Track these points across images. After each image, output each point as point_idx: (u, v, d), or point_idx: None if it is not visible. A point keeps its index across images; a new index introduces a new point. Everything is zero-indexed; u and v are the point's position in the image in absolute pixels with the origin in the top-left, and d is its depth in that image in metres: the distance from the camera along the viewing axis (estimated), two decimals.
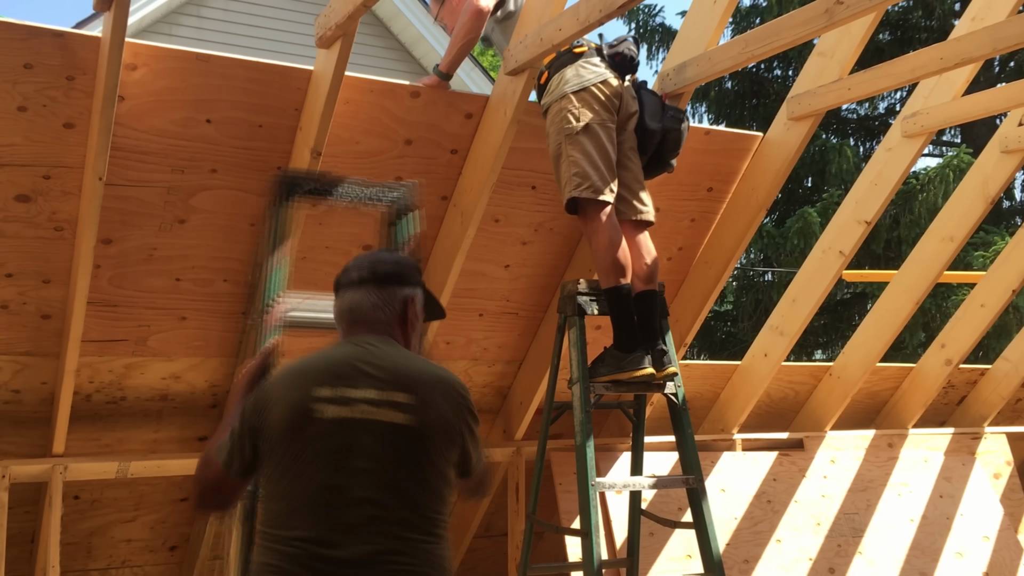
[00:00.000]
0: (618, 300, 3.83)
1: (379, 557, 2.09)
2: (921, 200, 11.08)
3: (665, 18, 21.04)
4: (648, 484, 4.16)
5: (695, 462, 4.02)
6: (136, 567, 4.92)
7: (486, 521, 5.50)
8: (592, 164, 3.72)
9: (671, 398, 4.04)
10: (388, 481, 2.14)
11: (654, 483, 4.19)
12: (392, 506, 2.13)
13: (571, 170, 3.74)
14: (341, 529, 2.09)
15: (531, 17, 3.67)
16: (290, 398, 2.18)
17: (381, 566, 2.09)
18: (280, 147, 3.74)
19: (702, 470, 4.06)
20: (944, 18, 12.56)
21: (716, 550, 3.96)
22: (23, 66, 3.24)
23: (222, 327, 4.19)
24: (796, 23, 3.60)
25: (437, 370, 2.32)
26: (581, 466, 3.81)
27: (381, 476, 2.13)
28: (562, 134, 3.75)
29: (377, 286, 2.39)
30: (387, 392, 2.18)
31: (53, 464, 4.12)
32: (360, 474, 2.12)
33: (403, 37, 10.38)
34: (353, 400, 2.16)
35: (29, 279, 3.75)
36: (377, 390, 2.18)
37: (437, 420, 2.21)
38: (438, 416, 2.21)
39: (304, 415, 2.14)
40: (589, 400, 3.85)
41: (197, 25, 9.52)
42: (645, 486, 4.17)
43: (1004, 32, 3.70)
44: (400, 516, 2.13)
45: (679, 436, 4.08)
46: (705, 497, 3.99)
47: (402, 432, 2.16)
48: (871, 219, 4.82)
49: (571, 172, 3.74)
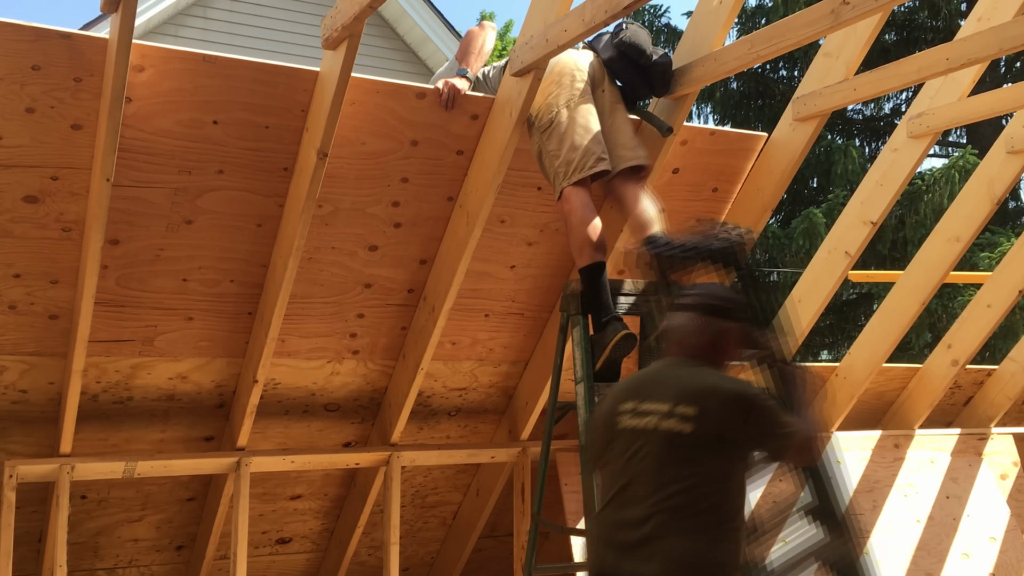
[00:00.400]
0: (591, 278, 3.84)
1: (650, 543, 2.52)
2: (927, 200, 11.06)
3: (671, 18, 21.06)
4: None
5: None
6: (143, 567, 4.94)
7: (492, 521, 5.51)
8: (571, 147, 3.84)
9: None
10: (663, 481, 2.55)
11: None
12: (664, 501, 2.53)
13: (553, 163, 3.88)
14: (627, 523, 2.57)
15: (537, 18, 3.67)
16: (603, 409, 2.79)
17: (650, 548, 2.52)
18: (286, 148, 3.75)
19: None
20: (950, 18, 12.54)
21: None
22: (31, 68, 3.26)
23: (229, 327, 4.20)
24: (802, 24, 3.60)
25: (727, 384, 2.66)
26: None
27: (656, 476, 2.56)
28: (535, 132, 3.94)
29: (702, 314, 2.77)
30: (673, 405, 2.59)
31: (60, 464, 4.14)
32: (642, 474, 2.57)
33: (409, 38, 10.39)
34: (645, 413, 2.63)
35: (37, 279, 3.76)
36: (667, 404, 2.60)
37: (712, 428, 2.56)
38: (714, 425, 2.56)
39: (611, 425, 2.71)
40: (595, 400, 3.85)
41: (203, 27, 9.55)
42: None
43: (1010, 32, 3.69)
44: (670, 507, 2.53)
45: None
46: None
47: (679, 439, 2.56)
48: (877, 220, 4.82)
49: (554, 164, 3.88)
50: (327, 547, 5.35)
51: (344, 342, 4.45)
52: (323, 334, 4.38)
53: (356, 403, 4.78)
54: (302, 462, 4.63)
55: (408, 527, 5.38)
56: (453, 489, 5.39)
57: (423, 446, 4.93)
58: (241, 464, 4.40)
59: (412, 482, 5.22)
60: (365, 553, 5.39)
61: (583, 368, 3.86)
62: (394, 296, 4.39)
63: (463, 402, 5.01)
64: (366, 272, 4.25)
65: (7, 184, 3.48)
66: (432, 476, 5.27)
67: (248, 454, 4.44)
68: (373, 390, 4.75)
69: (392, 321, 4.47)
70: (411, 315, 4.48)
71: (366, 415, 4.86)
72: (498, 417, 5.17)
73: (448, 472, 5.29)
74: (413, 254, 4.28)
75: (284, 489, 4.97)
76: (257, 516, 4.93)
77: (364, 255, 4.19)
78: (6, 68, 3.24)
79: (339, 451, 4.86)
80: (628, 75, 4.06)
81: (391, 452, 4.71)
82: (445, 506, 5.45)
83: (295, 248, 3.79)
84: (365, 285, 4.29)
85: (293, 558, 5.30)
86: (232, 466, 4.42)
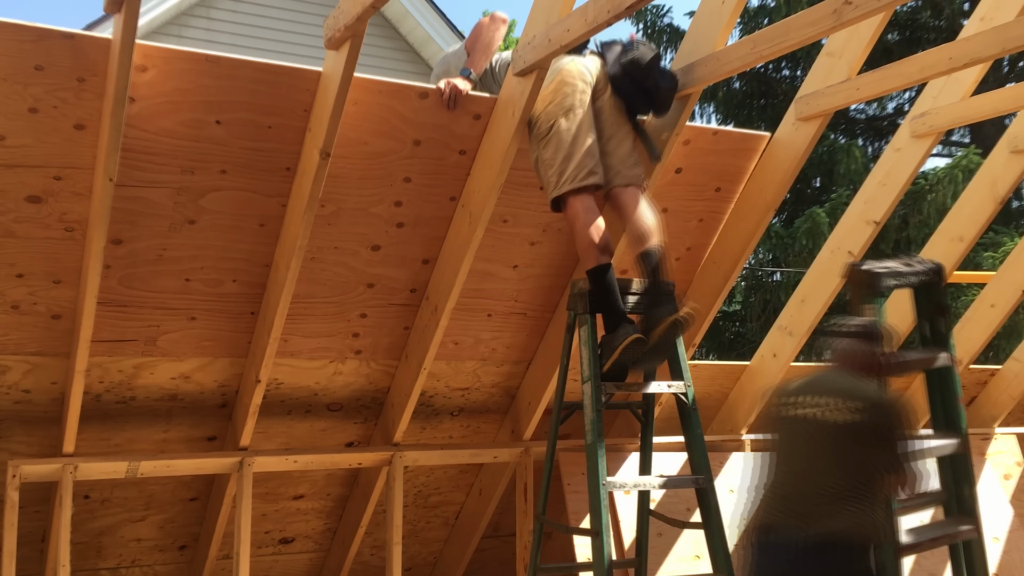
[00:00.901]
0: (598, 280, 3.88)
1: (836, 505, 3.30)
2: (930, 200, 11.04)
3: (673, 18, 21.05)
4: (657, 484, 4.16)
5: (704, 462, 4.01)
6: (146, 566, 4.94)
7: (495, 521, 5.51)
8: (564, 157, 3.85)
9: (680, 398, 4.04)
10: (840, 459, 3.35)
11: (663, 483, 4.19)
12: (842, 476, 3.33)
13: (547, 171, 3.90)
14: (813, 492, 3.34)
15: (539, 18, 3.67)
16: (773, 404, 3.60)
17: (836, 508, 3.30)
18: (289, 148, 3.75)
19: (711, 470, 4.05)
20: (953, 18, 12.53)
21: (725, 550, 3.95)
22: (34, 68, 3.26)
23: (231, 327, 4.20)
24: (804, 23, 3.60)
25: (879, 394, 3.48)
26: (592, 465, 3.81)
27: (834, 455, 3.36)
28: (533, 139, 3.95)
29: (863, 340, 3.61)
30: (835, 401, 3.40)
31: (63, 464, 4.14)
32: (811, 457, 3.40)
33: (411, 38, 10.39)
34: (822, 405, 3.41)
35: (40, 279, 3.77)
36: (841, 400, 3.40)
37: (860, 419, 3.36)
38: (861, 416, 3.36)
39: (776, 412, 3.55)
40: (601, 399, 3.85)
41: (206, 27, 9.55)
42: (655, 485, 4.17)
43: (1013, 32, 3.69)
44: (846, 480, 3.32)
45: (688, 436, 4.08)
46: (715, 497, 3.98)
47: (851, 427, 3.35)
48: (880, 219, 4.81)
49: (548, 173, 3.90)
50: (330, 547, 5.35)
51: (347, 342, 4.46)
52: (326, 334, 4.38)
53: (359, 403, 4.78)
54: (305, 462, 4.63)
55: (411, 527, 5.38)
56: (456, 489, 5.39)
57: (426, 446, 4.93)
58: (244, 464, 4.41)
59: (415, 482, 5.22)
60: (368, 553, 5.39)
61: (590, 368, 3.86)
62: (397, 296, 4.39)
63: (466, 402, 5.01)
64: (369, 272, 4.25)
65: (10, 184, 3.48)
66: (435, 476, 5.27)
67: (251, 454, 4.44)
68: (376, 390, 4.75)
69: (395, 321, 4.47)
70: (414, 315, 4.48)
71: (369, 415, 4.86)
72: (501, 417, 5.17)
73: (451, 472, 5.29)
74: (416, 254, 4.28)
75: (287, 489, 4.97)
76: (260, 516, 4.93)
77: (367, 255, 4.19)
78: (9, 68, 3.24)
79: (342, 451, 4.87)
80: (631, 94, 4.07)
81: (394, 452, 4.71)
82: (448, 506, 5.46)
83: (298, 248, 3.79)
84: (368, 285, 4.29)
85: (296, 558, 5.31)
86: (235, 466, 4.42)
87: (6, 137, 3.37)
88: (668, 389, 4.07)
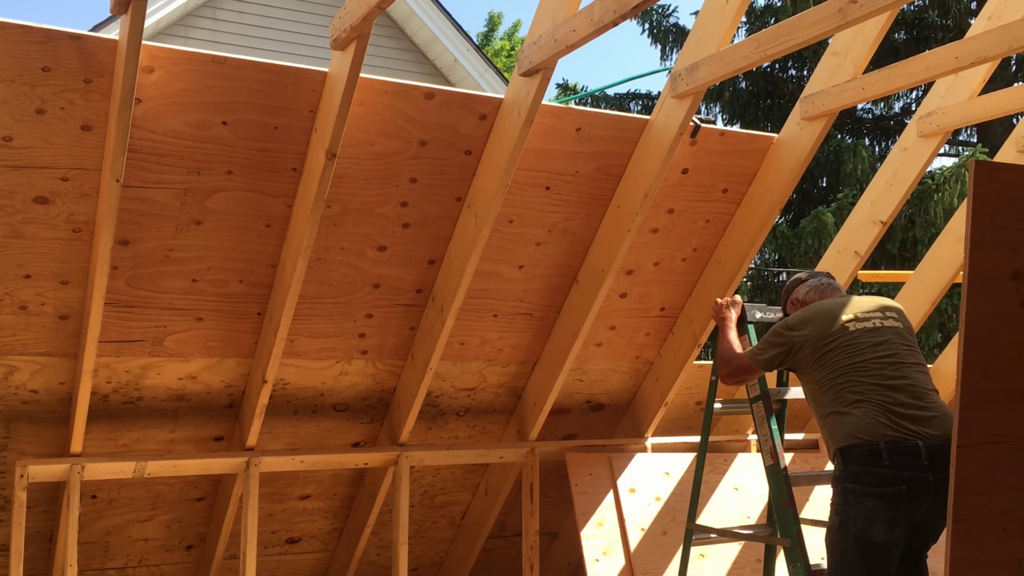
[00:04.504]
0: None
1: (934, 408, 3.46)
2: (937, 200, 11.02)
3: (679, 18, 21.02)
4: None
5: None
6: (153, 566, 4.95)
7: (500, 521, 5.51)
8: None
9: None
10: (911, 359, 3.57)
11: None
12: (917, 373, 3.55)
13: None
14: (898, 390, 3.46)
15: (545, 18, 3.67)
16: (824, 323, 3.62)
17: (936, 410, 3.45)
18: (295, 148, 3.76)
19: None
20: (960, 17, 12.50)
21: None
22: (41, 69, 3.27)
23: (238, 328, 4.21)
24: (809, 22, 3.59)
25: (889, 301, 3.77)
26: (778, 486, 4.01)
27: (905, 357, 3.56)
28: None
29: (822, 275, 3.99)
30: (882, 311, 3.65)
31: (71, 464, 4.15)
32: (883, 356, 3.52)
33: (417, 39, 10.40)
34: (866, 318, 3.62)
35: (47, 280, 3.78)
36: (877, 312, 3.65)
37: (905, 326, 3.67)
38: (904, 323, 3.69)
39: (841, 330, 3.59)
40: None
41: (212, 28, 9.57)
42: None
43: (1020, 31, 3.68)
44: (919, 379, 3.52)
45: None
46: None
47: (899, 333, 3.61)
48: (886, 219, 4.81)
49: None
50: (336, 547, 5.36)
51: (353, 342, 4.46)
52: (332, 334, 4.39)
53: (365, 403, 4.78)
54: (311, 462, 4.64)
55: (417, 527, 5.39)
56: (462, 489, 5.40)
57: (432, 446, 4.93)
58: (250, 464, 4.41)
59: (421, 482, 5.23)
60: (374, 553, 5.39)
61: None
62: (403, 296, 4.40)
63: (472, 402, 5.01)
64: (375, 272, 4.26)
65: (18, 185, 3.50)
66: (441, 476, 5.28)
67: (257, 454, 4.45)
68: (382, 390, 4.75)
69: (401, 321, 4.48)
70: (420, 315, 4.49)
71: (375, 415, 4.86)
72: (507, 417, 5.17)
73: (457, 472, 5.29)
74: (422, 254, 4.29)
75: (293, 489, 4.98)
76: (266, 516, 4.94)
77: (373, 255, 4.20)
78: (16, 70, 3.25)
79: (348, 451, 4.87)
80: None
81: (400, 452, 4.72)
82: (454, 506, 5.46)
83: (304, 248, 3.80)
84: (374, 285, 4.30)
85: (302, 558, 5.32)
86: (241, 466, 4.43)
87: (13, 138, 3.38)
88: None
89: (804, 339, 3.64)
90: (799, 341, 3.65)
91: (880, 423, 3.37)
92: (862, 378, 3.47)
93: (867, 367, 3.49)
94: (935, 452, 3.32)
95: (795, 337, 3.67)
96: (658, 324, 5.03)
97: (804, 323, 3.68)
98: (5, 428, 4.19)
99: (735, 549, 4.99)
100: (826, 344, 3.58)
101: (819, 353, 3.59)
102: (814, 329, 3.63)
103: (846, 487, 3.39)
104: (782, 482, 3.99)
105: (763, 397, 4.16)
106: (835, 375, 3.53)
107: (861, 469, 3.36)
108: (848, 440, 3.40)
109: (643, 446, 5.19)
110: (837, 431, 3.46)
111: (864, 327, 3.58)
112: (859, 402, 3.44)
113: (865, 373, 3.48)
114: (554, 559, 5.67)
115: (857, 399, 3.44)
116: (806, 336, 3.64)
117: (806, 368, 3.66)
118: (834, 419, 3.49)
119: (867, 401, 3.43)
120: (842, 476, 3.42)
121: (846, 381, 3.50)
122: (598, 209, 4.43)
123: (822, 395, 3.57)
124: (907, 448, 3.33)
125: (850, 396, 3.46)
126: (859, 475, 3.37)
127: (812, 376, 3.63)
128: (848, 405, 3.45)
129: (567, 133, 4.14)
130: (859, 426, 3.39)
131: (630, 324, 4.96)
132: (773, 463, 4.03)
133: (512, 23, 28.53)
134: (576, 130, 4.15)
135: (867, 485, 3.34)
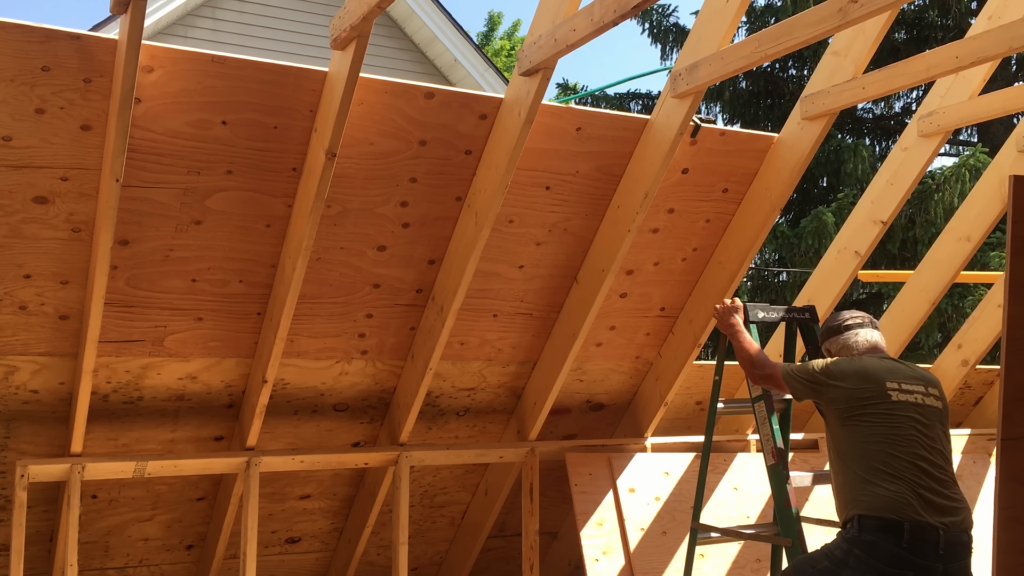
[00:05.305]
0: None
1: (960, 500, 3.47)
2: (937, 200, 11.03)
3: (679, 18, 21.01)
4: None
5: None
6: (153, 566, 4.96)
7: (500, 521, 5.51)
8: None
9: None
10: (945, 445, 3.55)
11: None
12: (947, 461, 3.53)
13: None
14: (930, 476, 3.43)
15: (545, 17, 3.67)
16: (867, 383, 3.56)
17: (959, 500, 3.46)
18: (295, 148, 3.76)
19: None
20: (960, 17, 12.50)
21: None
22: (41, 69, 3.27)
23: (238, 328, 4.21)
24: (810, 22, 3.58)
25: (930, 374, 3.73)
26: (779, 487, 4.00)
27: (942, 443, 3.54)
28: None
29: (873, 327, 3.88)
30: (924, 387, 3.60)
31: (71, 464, 4.15)
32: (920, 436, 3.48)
33: (417, 38, 10.41)
34: (910, 391, 3.56)
35: (47, 280, 3.78)
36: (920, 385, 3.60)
37: (944, 406, 3.63)
38: (943, 403, 3.64)
39: (883, 396, 3.53)
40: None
41: (212, 27, 9.58)
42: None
43: (1021, 31, 3.67)
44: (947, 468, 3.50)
45: None
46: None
47: (936, 412, 3.57)
48: (887, 219, 4.80)
49: None
50: (336, 546, 5.36)
51: (353, 342, 4.46)
52: (332, 334, 4.39)
53: (365, 403, 4.78)
54: (311, 462, 4.64)
55: (417, 527, 5.39)
56: (462, 489, 5.40)
57: (432, 446, 4.93)
58: (251, 464, 4.41)
59: (421, 482, 5.23)
60: (374, 552, 5.40)
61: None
62: (403, 296, 4.40)
63: (471, 402, 5.01)
64: (375, 272, 4.26)
65: (17, 185, 3.50)
66: (441, 476, 5.28)
67: (257, 454, 4.45)
68: (382, 390, 4.75)
69: (400, 321, 4.48)
70: (420, 315, 4.49)
71: (375, 415, 4.86)
72: (506, 417, 5.17)
73: (457, 472, 5.29)
74: (422, 254, 4.29)
75: (293, 489, 4.98)
76: (266, 516, 4.94)
77: (373, 255, 4.20)
78: (16, 69, 3.25)
79: (348, 451, 4.87)
80: None
81: (400, 452, 4.72)
82: (454, 506, 5.46)
83: (304, 248, 3.80)
84: (374, 285, 4.30)
85: (302, 557, 5.32)
86: (242, 466, 4.43)
87: (13, 138, 3.38)
88: None
89: (841, 392, 3.58)
90: (836, 392, 3.59)
91: (911, 504, 3.33)
92: (898, 453, 3.42)
93: (906, 444, 3.44)
94: (952, 542, 3.33)
95: (832, 386, 3.60)
96: (658, 324, 5.03)
97: (846, 376, 3.60)
98: (5, 428, 4.19)
99: (735, 549, 4.99)
100: (862, 403, 3.53)
101: (854, 411, 3.54)
102: (854, 384, 3.56)
103: (853, 551, 3.34)
104: (783, 482, 3.99)
105: (765, 397, 4.16)
106: (870, 440, 3.48)
107: (877, 541, 3.32)
108: (875, 511, 3.36)
109: (643, 446, 5.19)
110: (863, 498, 3.41)
111: (907, 400, 3.52)
112: (893, 477, 3.39)
113: (903, 449, 3.43)
114: (554, 559, 5.67)
115: (891, 474, 3.40)
116: (845, 389, 3.57)
117: (834, 418, 3.61)
118: (861, 485, 3.43)
119: (901, 479, 3.38)
120: (854, 540, 3.36)
121: (881, 452, 3.44)
122: (598, 209, 4.43)
123: (849, 451, 3.52)
124: (928, 535, 3.31)
125: (883, 469, 3.41)
126: (873, 546, 3.32)
127: (842, 430, 3.57)
128: (880, 476, 3.40)
129: (567, 133, 4.14)
130: (889, 503, 3.34)
131: (630, 324, 4.96)
132: (775, 463, 4.02)
133: (512, 23, 28.56)
134: (576, 130, 4.14)
135: (877, 559, 3.30)
